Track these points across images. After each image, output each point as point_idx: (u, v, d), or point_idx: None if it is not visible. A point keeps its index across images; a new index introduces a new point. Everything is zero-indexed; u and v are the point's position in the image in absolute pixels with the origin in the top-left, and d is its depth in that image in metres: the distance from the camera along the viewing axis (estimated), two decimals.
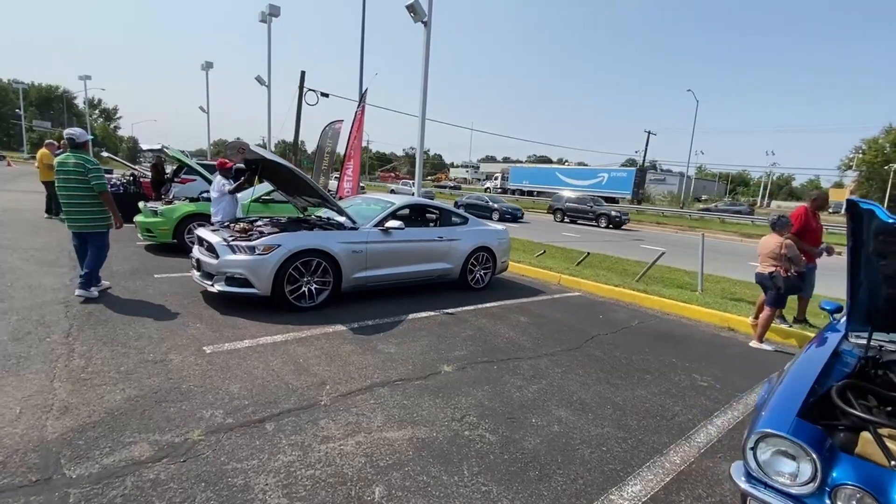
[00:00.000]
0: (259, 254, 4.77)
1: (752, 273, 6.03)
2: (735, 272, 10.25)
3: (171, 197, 11.30)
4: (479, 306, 6.02)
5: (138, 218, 7.94)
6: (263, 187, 8.84)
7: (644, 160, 51.76)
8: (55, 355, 3.51)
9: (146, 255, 7.45)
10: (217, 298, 5.12)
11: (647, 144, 48.32)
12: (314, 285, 5.15)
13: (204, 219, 7.76)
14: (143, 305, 4.89)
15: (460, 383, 3.62)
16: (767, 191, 69.76)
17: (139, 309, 4.77)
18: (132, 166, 15.11)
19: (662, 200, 51.98)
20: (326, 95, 25.23)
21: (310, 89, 24.42)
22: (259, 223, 5.69)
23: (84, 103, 60.60)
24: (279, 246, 4.83)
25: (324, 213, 6.33)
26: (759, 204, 70.04)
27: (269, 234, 5.06)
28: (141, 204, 8.27)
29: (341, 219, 5.97)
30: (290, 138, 27.33)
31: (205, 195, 11.52)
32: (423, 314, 5.43)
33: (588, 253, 9.73)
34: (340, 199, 9.75)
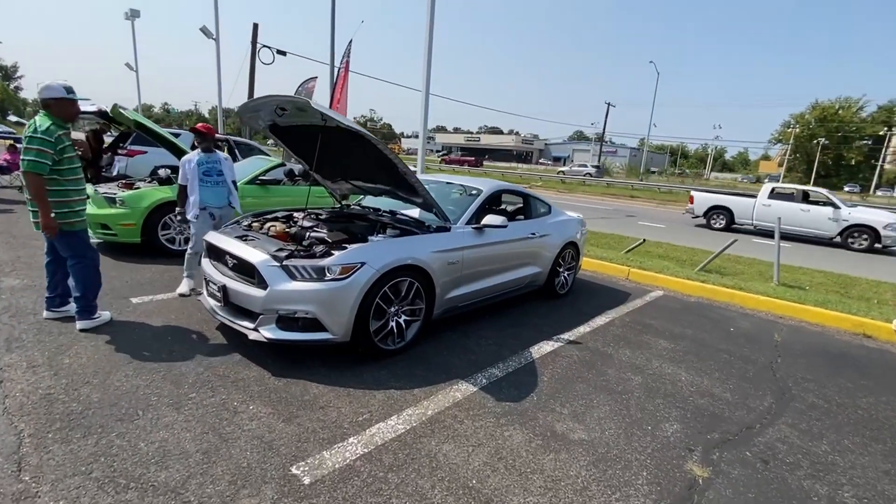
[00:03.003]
0: (335, 278, 2.99)
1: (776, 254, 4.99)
2: (750, 251, 9.44)
3: (115, 173, 8.77)
4: (592, 325, 4.59)
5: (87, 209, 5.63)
6: (257, 163, 6.74)
7: (604, 132, 51.88)
8: None
9: (105, 263, 5.25)
10: (251, 343, 3.29)
11: (606, 116, 48.19)
12: (403, 316, 3.45)
13: None
14: (141, 369, 2.99)
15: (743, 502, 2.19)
16: (711, 163, 72.98)
17: (136, 378, 2.87)
18: None
19: (619, 172, 52.77)
20: (284, 53, 22.28)
21: (264, 45, 21.35)
22: (303, 223, 3.83)
23: None
24: (362, 265, 3.07)
25: (384, 203, 4.50)
26: (704, 175, 73.36)
27: (335, 244, 3.26)
28: (88, 189, 5.91)
29: (413, 213, 4.22)
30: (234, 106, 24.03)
31: (164, 173, 9.10)
32: (543, 346, 3.91)
33: (644, 240, 8.51)
34: None
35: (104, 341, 3.27)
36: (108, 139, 10.64)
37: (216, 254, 3.52)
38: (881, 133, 57.82)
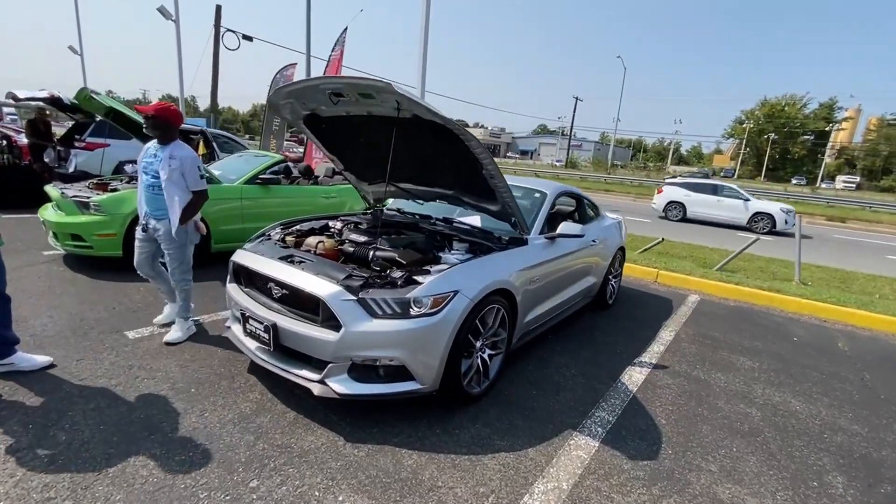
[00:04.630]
0: (424, 313, 2.33)
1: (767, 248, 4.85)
2: (761, 248, 9.43)
3: (71, 170, 7.57)
4: (661, 342, 4.14)
5: (47, 215, 4.62)
6: (254, 160, 5.87)
7: (572, 127, 52.40)
8: None
9: (81, 283, 4.30)
10: (300, 391, 2.57)
11: (574, 111, 48.64)
12: (486, 350, 2.83)
13: None
14: (168, 446, 2.22)
15: None
16: (671, 156, 75.48)
17: (165, 464, 2.11)
18: (3, 125, 10.42)
19: (586, 167, 53.51)
20: (250, 39, 20.81)
21: (228, 29, 19.81)
22: (354, 236, 3.10)
23: None
24: (455, 294, 2.42)
25: (433, 210, 3.80)
26: (665, 168, 75.81)
27: (413, 266, 2.60)
28: (51, 189, 4.87)
29: (473, 220, 3.59)
30: (198, 95, 22.15)
31: (131, 169, 7.96)
32: (633, 375, 3.41)
33: (662, 238, 8.20)
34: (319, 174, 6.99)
35: (97, 404, 2.46)
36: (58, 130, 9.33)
37: (250, 279, 2.77)
38: (826, 129, 61.54)
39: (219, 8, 19.64)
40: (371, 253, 2.74)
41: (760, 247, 8.29)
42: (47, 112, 8.62)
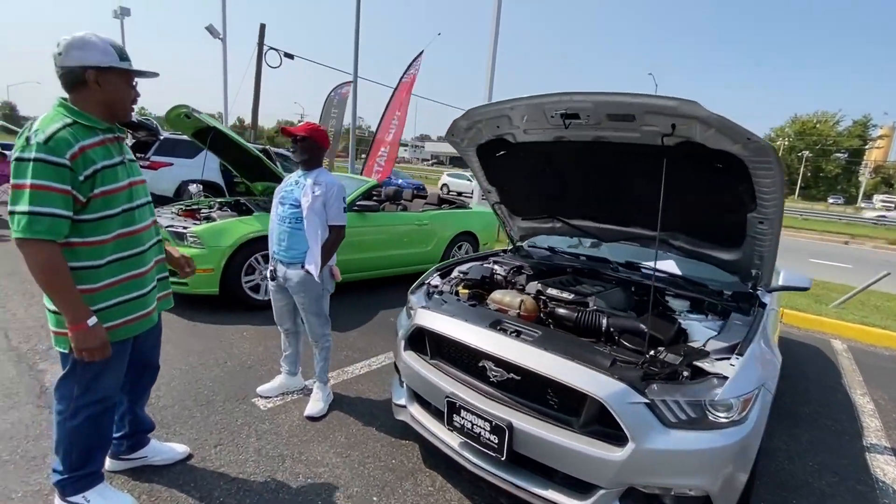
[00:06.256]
0: (733, 420, 1.66)
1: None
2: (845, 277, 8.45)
3: None
4: (867, 415, 3.40)
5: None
6: (352, 183, 5.30)
7: None
8: None
9: (175, 326, 3.75)
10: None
11: None
12: None
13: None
14: None
15: None
16: None
17: None
18: None
19: None
20: (291, 57, 20.68)
21: (271, 48, 19.80)
22: (562, 294, 2.45)
23: None
24: (760, 388, 1.76)
25: (609, 253, 3.13)
26: None
27: (678, 344, 1.95)
28: None
29: (667, 266, 2.94)
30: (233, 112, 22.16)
31: (195, 189, 7.52)
32: (881, 465, 2.68)
33: (887, 272, 7.26)
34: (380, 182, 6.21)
35: None
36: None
37: (442, 349, 2.15)
38: (861, 147, 59.69)
39: (262, 26, 19.65)
40: (603, 321, 2.10)
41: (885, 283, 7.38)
42: None
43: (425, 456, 2.34)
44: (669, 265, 2.96)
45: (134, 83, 1.65)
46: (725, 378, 1.71)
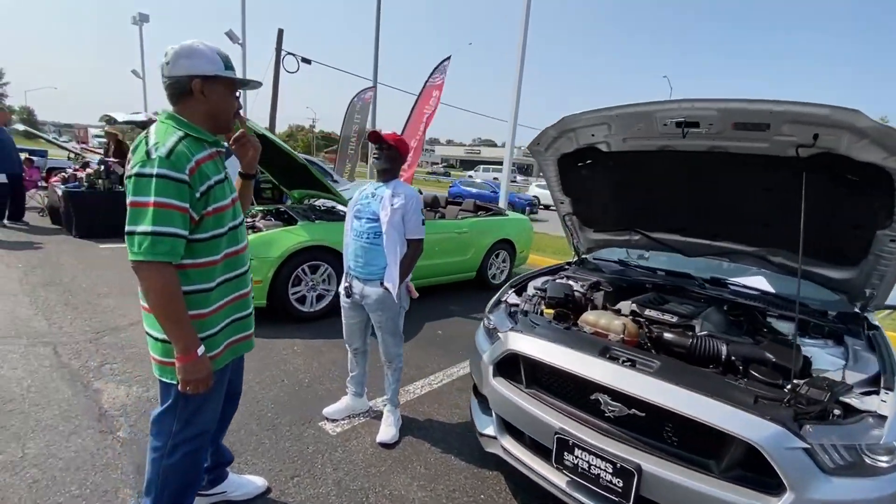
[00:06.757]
0: (894, 465, 1.48)
1: None
2: None
3: None
4: None
5: None
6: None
7: None
8: None
9: None
10: None
11: None
12: None
13: (332, 255, 4.01)
14: None
15: None
16: None
17: None
18: (90, 147, 10.25)
19: None
20: (308, 62, 20.43)
21: (289, 53, 19.83)
22: (665, 317, 2.27)
23: None
24: None
25: (665, 262, 2.93)
26: None
27: (807, 374, 1.77)
28: None
29: (756, 283, 2.75)
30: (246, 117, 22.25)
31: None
32: None
33: None
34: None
35: None
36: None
37: (538, 377, 1.98)
38: None
39: (280, 31, 19.68)
40: (723, 348, 1.91)
41: None
42: (119, 136, 8.38)
43: (515, 490, 2.17)
44: (760, 282, 2.77)
45: (237, 94, 1.51)
46: (881, 416, 1.53)
